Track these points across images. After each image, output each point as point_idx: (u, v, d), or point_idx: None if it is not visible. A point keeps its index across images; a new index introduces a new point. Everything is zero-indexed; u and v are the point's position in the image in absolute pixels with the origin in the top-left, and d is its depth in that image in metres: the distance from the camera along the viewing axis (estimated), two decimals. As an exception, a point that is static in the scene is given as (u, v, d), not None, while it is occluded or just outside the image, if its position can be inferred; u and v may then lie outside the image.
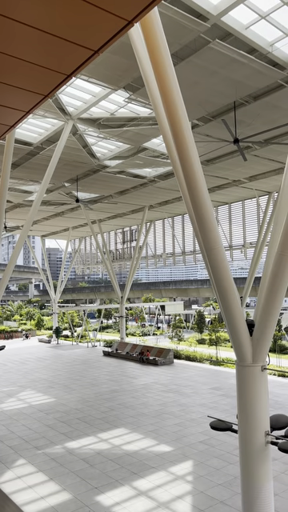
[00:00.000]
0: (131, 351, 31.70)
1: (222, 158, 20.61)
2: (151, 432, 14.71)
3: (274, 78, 12.94)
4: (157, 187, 25.89)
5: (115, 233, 41.93)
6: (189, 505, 9.77)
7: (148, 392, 20.51)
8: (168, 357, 28.85)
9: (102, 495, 10.25)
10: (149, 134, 17.65)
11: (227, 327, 7.11)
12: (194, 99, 14.17)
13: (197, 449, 13.12)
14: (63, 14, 3.01)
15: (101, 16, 2.99)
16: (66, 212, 33.31)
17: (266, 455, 6.87)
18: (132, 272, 36.77)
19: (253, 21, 10.83)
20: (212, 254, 6.75)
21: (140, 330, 49.41)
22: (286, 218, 6.45)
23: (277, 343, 31.44)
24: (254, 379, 6.97)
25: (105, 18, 3.02)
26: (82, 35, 3.25)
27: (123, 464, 12.07)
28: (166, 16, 9.86)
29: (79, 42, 3.29)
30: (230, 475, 11.25)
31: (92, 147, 19.97)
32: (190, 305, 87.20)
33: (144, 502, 9.92)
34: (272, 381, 22.00)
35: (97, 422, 16.03)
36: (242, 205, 30.80)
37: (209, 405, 18.01)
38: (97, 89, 14.66)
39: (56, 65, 3.65)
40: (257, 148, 19.09)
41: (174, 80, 6.20)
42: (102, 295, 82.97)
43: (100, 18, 3.03)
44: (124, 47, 10.97)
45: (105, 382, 22.91)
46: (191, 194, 6.58)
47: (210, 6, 10.07)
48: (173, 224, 36.19)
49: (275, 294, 6.68)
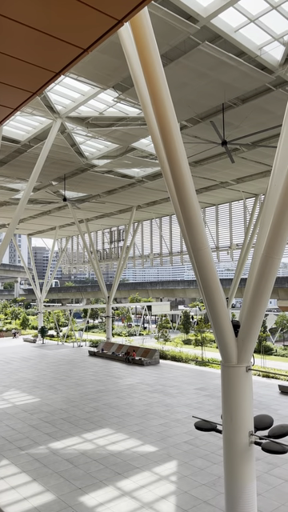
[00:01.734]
0: (117, 351, 31.64)
1: (209, 159, 20.73)
2: (136, 432, 14.71)
3: (262, 81, 13.07)
4: (145, 187, 25.91)
5: (103, 232, 41.82)
6: (172, 505, 9.79)
7: (133, 392, 20.49)
8: (154, 357, 28.88)
9: (85, 496, 10.20)
10: (137, 134, 17.65)
11: (213, 328, 7.15)
12: (182, 100, 14.22)
13: (181, 449, 13.15)
14: (53, 12, 2.98)
15: (90, 14, 2.98)
16: (53, 211, 33.09)
17: (249, 455, 6.93)
18: (119, 272, 36.71)
19: (242, 24, 10.92)
20: (199, 255, 6.78)
21: (126, 330, 49.36)
22: (272, 220, 6.51)
23: (262, 344, 31.75)
24: (239, 380, 7.02)
25: (94, 16, 3.01)
26: (71, 33, 3.23)
27: (107, 464, 12.04)
28: (155, 16, 9.87)
29: (68, 39, 3.27)
30: (213, 475, 11.31)
31: (80, 146, 19.88)
32: (177, 305, 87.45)
33: (128, 502, 9.91)
34: (256, 381, 22.19)
35: (81, 422, 15.95)
36: (229, 206, 31.03)
37: (194, 405, 18.09)
38: (86, 87, 14.60)
39: (45, 62, 3.62)
40: (244, 150, 19.25)
41: (164, 80, 6.21)
42: (88, 295, 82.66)
43: (90, 17, 3.02)
44: (114, 46, 10.96)
45: (90, 382, 22.83)
46: (179, 194, 6.59)
47: (200, 8, 10.12)
48: (160, 224, 36.25)
49: (260, 296, 6.74)
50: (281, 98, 13.93)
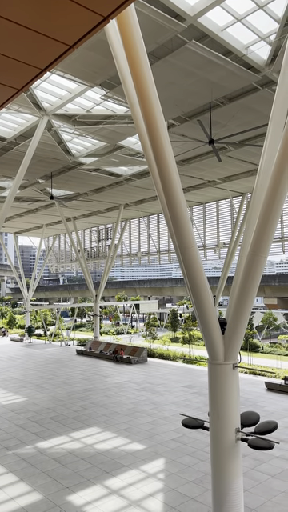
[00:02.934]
0: (105, 350, 31.59)
1: (197, 158, 20.80)
2: (124, 430, 14.71)
3: (249, 80, 13.15)
4: (132, 186, 25.88)
5: (90, 231, 41.66)
6: (160, 502, 9.83)
7: (121, 391, 20.49)
8: (142, 355, 28.91)
9: (73, 495, 10.18)
10: (125, 133, 17.62)
11: (200, 326, 7.18)
12: (170, 99, 14.23)
13: (169, 446, 13.21)
14: (38, 7, 2.95)
15: (76, 11, 2.95)
16: (40, 209, 32.84)
17: (236, 452, 6.99)
18: (107, 270, 36.63)
19: (229, 23, 10.97)
20: (186, 253, 6.80)
21: (114, 329, 49.31)
22: (258, 218, 6.57)
23: (248, 342, 32.04)
24: (226, 377, 7.07)
25: (80, 12, 2.98)
26: (56, 29, 3.20)
27: (95, 463, 12.02)
28: (142, 14, 9.85)
29: (54, 36, 3.24)
30: (201, 472, 11.38)
31: (67, 144, 19.76)
32: (165, 303, 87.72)
33: (115, 500, 9.92)
34: (243, 379, 22.39)
35: (69, 421, 15.89)
36: (217, 205, 31.20)
37: (181, 403, 18.17)
38: (73, 85, 14.51)
39: (30, 58, 3.58)
40: (231, 149, 19.36)
41: (150, 78, 6.20)
42: (76, 294, 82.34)
43: (75, 13, 2.99)
44: (101, 44, 10.91)
45: (78, 381, 22.75)
46: (166, 193, 6.60)
47: (187, 7, 10.13)
48: (148, 223, 36.27)
49: (247, 294, 6.79)
50: (267, 97, 14.04)
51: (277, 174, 6.30)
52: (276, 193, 6.32)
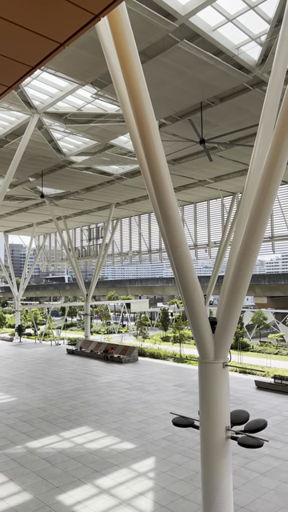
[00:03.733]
0: (96, 349, 31.53)
1: (188, 157, 20.84)
2: (114, 430, 14.70)
3: (240, 80, 13.21)
4: (124, 185, 25.85)
5: (81, 230, 41.52)
6: (150, 501, 9.85)
7: (112, 390, 20.48)
8: (132, 354, 28.91)
9: (63, 494, 10.15)
10: (116, 131, 17.58)
11: (190, 325, 7.21)
12: (161, 98, 14.23)
13: (159, 445, 13.23)
14: (28, 4, 2.93)
15: (67, 8, 2.94)
16: (31, 207, 32.64)
17: (225, 450, 7.02)
18: (98, 269, 36.54)
19: (220, 23, 11.00)
20: (177, 253, 6.82)
21: (105, 328, 49.24)
22: (249, 218, 6.60)
23: (238, 340, 32.23)
24: (216, 376, 7.10)
25: (71, 10, 2.97)
26: (47, 26, 3.17)
27: (85, 462, 12.00)
28: (134, 13, 9.84)
29: (44, 33, 3.22)
30: (191, 470, 11.43)
31: (58, 142, 19.66)
32: (156, 303, 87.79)
33: (106, 499, 9.91)
34: (233, 377, 22.52)
35: (59, 420, 15.84)
36: (207, 205, 31.30)
37: (172, 401, 18.21)
38: (64, 83, 14.44)
39: (20, 56, 3.55)
40: (222, 149, 19.44)
41: (142, 77, 6.19)
42: (66, 293, 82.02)
43: (66, 10, 2.98)
44: (92, 42, 10.87)
45: (68, 381, 22.68)
46: (157, 192, 6.60)
47: (179, 6, 10.14)
48: (139, 222, 36.26)
49: (237, 293, 6.83)
50: (258, 97, 14.12)
51: (267, 173, 6.34)
52: (266, 193, 6.36)
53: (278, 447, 12.99)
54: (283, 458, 12.22)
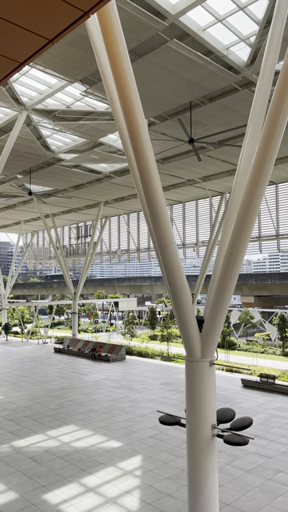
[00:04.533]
0: (83, 348, 31.44)
1: (177, 157, 20.88)
2: (101, 428, 14.69)
3: (229, 81, 13.28)
4: (112, 183, 25.79)
5: (69, 228, 41.31)
6: (136, 499, 9.87)
7: (99, 388, 20.45)
8: (120, 353, 28.91)
9: (49, 493, 10.11)
10: (105, 129, 17.52)
11: (178, 323, 7.23)
12: (150, 97, 14.23)
13: (146, 443, 13.27)
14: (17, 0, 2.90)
15: (56, 4, 2.91)
16: (18, 205, 32.35)
17: (212, 448, 7.08)
18: (86, 268, 36.41)
19: (210, 23, 11.04)
20: (165, 252, 6.84)
21: (93, 327, 49.12)
22: (236, 218, 6.65)
23: (225, 339, 32.45)
24: (203, 374, 7.14)
25: (60, 6, 2.95)
26: (36, 22, 3.15)
27: (72, 461, 11.97)
28: (124, 11, 9.82)
29: (33, 29, 3.19)
30: (177, 468, 11.48)
31: (47, 139, 19.52)
32: (144, 301, 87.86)
33: (92, 498, 9.91)
34: (220, 376, 22.69)
35: (46, 419, 15.76)
36: (196, 204, 31.41)
37: (159, 400, 18.27)
38: (53, 80, 14.33)
39: (8, 51, 3.51)
40: (211, 149, 19.52)
41: (131, 75, 6.18)
42: (54, 291, 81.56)
43: (55, 7, 2.96)
44: (82, 39, 10.81)
45: (55, 379, 22.58)
46: (146, 191, 6.61)
47: (169, 5, 10.15)
48: (128, 221, 36.22)
49: (224, 292, 6.88)
50: (246, 98, 14.21)
51: (255, 174, 6.40)
52: (254, 193, 6.42)
53: (264, 445, 13.14)
54: (268, 455, 12.36)
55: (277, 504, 9.58)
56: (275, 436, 13.90)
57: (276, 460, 12.01)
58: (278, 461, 11.95)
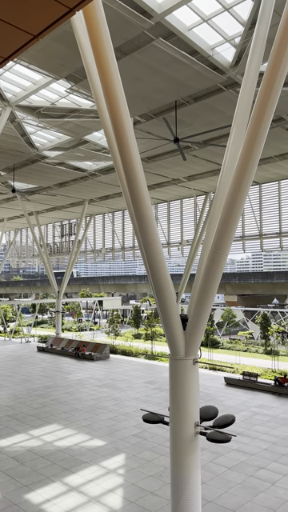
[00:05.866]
0: (67, 346, 31.27)
1: (162, 156, 20.92)
2: (84, 427, 14.65)
3: (214, 81, 13.36)
4: (97, 181, 25.68)
5: (53, 226, 40.98)
6: (119, 497, 9.88)
7: (82, 387, 20.38)
8: (104, 352, 28.85)
9: (31, 493, 10.03)
10: (90, 127, 17.44)
11: (162, 322, 7.26)
12: (136, 95, 14.22)
13: (129, 442, 13.28)
14: (1, -6, 2.86)
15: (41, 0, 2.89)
16: (1, 202, 31.94)
17: (194, 445, 7.13)
18: (70, 266, 36.20)
19: (195, 23, 11.08)
20: (149, 250, 6.84)
21: (77, 325, 48.88)
22: (220, 217, 6.71)
23: (209, 338, 32.70)
24: (186, 372, 7.18)
25: (45, 2, 2.92)
26: (20, 18, 3.11)
27: (55, 460, 11.91)
28: (110, 8, 9.78)
29: (17, 24, 3.15)
30: (160, 466, 11.53)
31: (31, 136, 19.31)
32: (128, 300, 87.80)
33: (75, 497, 9.87)
34: (203, 374, 22.86)
35: (28, 418, 15.63)
36: (181, 203, 31.53)
37: (142, 398, 18.30)
38: (37, 76, 14.19)
39: (-8, 46, 3.46)
40: (196, 148, 19.62)
41: (116, 73, 6.17)
42: (37, 289, 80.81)
43: (40, 2, 2.93)
44: (67, 36, 10.72)
45: (38, 378, 22.40)
46: (131, 189, 6.61)
47: (155, 4, 10.15)
48: (113, 219, 36.13)
49: (208, 290, 6.92)
50: (231, 98, 14.32)
51: (239, 174, 6.45)
52: (237, 193, 6.48)
53: (246, 442, 13.29)
54: (250, 452, 12.52)
55: (258, 500, 9.71)
56: (257, 433, 14.08)
57: (258, 457, 12.17)
58: (259, 458, 12.12)
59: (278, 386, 19.37)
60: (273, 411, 16.51)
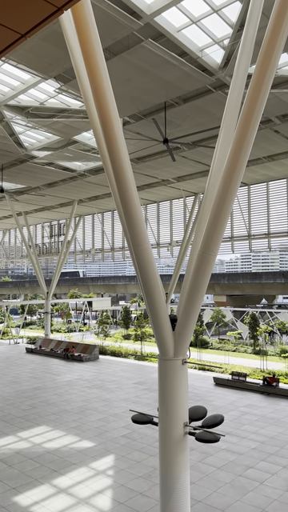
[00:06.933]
0: (56, 348, 31.09)
1: (151, 156, 20.94)
2: (74, 428, 14.58)
3: (203, 82, 13.42)
4: (87, 181, 25.60)
5: (42, 226, 40.74)
6: (109, 498, 9.85)
7: (72, 388, 20.28)
8: (93, 353, 28.76)
9: (20, 495, 9.95)
10: (79, 127, 17.38)
11: (151, 322, 7.26)
12: (125, 96, 14.21)
13: (119, 443, 13.25)
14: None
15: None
16: (-10, 202, 31.66)
17: (183, 445, 7.14)
18: (59, 267, 36.01)
19: (184, 24, 11.12)
20: (139, 251, 6.84)
21: (66, 327, 48.62)
22: (209, 218, 6.73)
23: (198, 338, 32.80)
24: (175, 372, 7.20)
25: (33, 1, 2.90)
26: (8, 16, 3.09)
27: (43, 462, 11.83)
28: (99, 8, 9.76)
29: (5, 23, 3.13)
30: (150, 467, 11.53)
31: (19, 136, 19.18)
32: (118, 301, 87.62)
33: (64, 499, 9.82)
34: (192, 374, 22.92)
35: (17, 420, 15.50)
36: (170, 204, 31.60)
37: (132, 399, 18.28)
38: (26, 76, 14.09)
39: (-21, 44, 3.43)
40: (185, 149, 19.68)
41: (105, 73, 6.15)
42: (26, 290, 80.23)
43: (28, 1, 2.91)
44: (56, 35, 10.68)
45: (27, 380, 22.23)
46: (120, 190, 6.60)
47: (144, 5, 10.16)
48: (102, 220, 36.05)
49: (197, 291, 6.95)
50: (220, 100, 14.39)
51: (227, 175, 6.49)
52: (226, 194, 6.51)
53: (234, 442, 13.36)
54: (239, 452, 12.58)
55: (247, 500, 9.77)
56: (246, 433, 14.16)
57: (246, 456, 12.24)
58: (248, 457, 12.19)
59: (266, 385, 19.51)
60: (261, 411, 16.63)
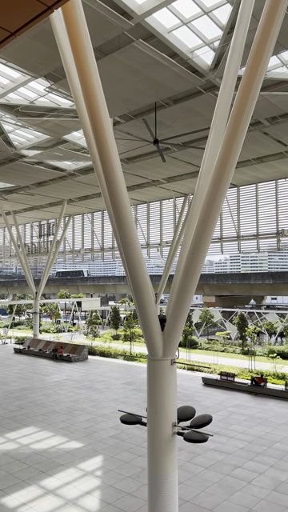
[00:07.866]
0: (44, 348, 30.91)
1: (141, 157, 20.95)
2: (62, 429, 14.50)
3: (193, 83, 13.47)
4: (76, 181, 25.51)
5: (31, 225, 40.46)
6: (97, 499, 9.82)
7: (60, 389, 20.17)
8: (82, 353, 28.65)
9: (7, 497, 9.86)
10: (69, 127, 17.31)
11: (140, 322, 7.26)
12: (115, 96, 14.20)
13: (107, 443, 13.22)
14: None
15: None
16: (-22, 201, 31.35)
17: (172, 445, 7.16)
18: (48, 267, 35.80)
19: (175, 26, 11.15)
20: (129, 251, 6.84)
21: (55, 327, 48.36)
22: (198, 219, 6.76)
23: (187, 338, 32.90)
24: (164, 372, 7.21)
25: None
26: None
27: (31, 463, 11.74)
28: (89, 8, 9.74)
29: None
30: (138, 467, 11.52)
31: (9, 135, 19.03)
32: (107, 301, 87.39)
33: (51, 500, 9.76)
34: (181, 374, 22.98)
35: (4, 421, 15.37)
36: (160, 205, 31.65)
37: (120, 399, 18.26)
38: (16, 74, 13.99)
39: None
40: (175, 150, 19.72)
41: (96, 73, 6.14)
42: (14, 290, 79.63)
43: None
44: (47, 34, 10.62)
45: (15, 380, 22.05)
46: (110, 190, 6.59)
47: (135, 6, 10.16)
48: (92, 220, 35.95)
49: (186, 291, 6.97)
50: (210, 101, 14.46)
51: (217, 176, 6.52)
52: (215, 195, 6.54)
53: (223, 441, 13.43)
54: (227, 451, 12.65)
55: (234, 499, 9.82)
56: (234, 433, 14.24)
57: (234, 456, 12.31)
58: (236, 457, 12.26)
59: (254, 385, 19.65)
60: (249, 411, 16.74)
